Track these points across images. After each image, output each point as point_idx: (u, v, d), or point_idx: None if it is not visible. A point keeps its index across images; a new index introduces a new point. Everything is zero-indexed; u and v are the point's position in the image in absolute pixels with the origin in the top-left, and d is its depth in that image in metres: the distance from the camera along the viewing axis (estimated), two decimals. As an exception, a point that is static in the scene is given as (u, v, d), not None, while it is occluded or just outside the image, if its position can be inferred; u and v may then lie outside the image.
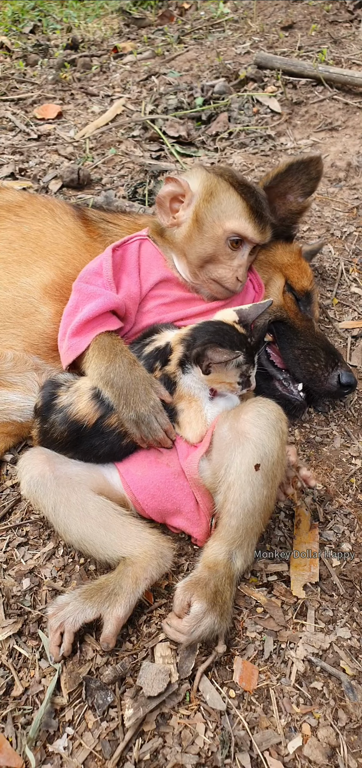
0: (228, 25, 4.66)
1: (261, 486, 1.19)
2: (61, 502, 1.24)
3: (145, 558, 1.20)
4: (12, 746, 1.02)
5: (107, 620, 1.13)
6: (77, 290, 1.42)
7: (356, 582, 1.31)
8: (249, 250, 1.49)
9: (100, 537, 1.23)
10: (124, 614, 1.13)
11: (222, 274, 1.46)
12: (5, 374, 1.48)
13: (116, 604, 1.13)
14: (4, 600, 1.24)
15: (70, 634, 1.12)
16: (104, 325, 1.37)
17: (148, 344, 1.35)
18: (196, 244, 1.46)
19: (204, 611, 1.12)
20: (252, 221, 1.45)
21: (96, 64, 4.17)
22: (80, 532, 1.23)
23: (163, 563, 1.22)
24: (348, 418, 1.75)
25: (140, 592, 1.17)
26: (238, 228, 1.44)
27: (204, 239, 1.45)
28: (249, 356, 1.30)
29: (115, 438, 1.28)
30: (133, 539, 1.23)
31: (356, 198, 2.70)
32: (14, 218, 1.68)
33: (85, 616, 1.13)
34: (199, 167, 1.54)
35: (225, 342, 1.26)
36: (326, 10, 4.53)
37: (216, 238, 1.44)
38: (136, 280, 1.46)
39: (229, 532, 1.21)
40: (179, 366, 1.29)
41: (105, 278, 1.42)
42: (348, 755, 1.03)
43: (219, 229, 1.44)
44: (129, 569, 1.18)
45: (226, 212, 1.44)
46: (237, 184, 1.48)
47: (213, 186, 1.47)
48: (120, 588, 1.15)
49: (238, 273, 1.46)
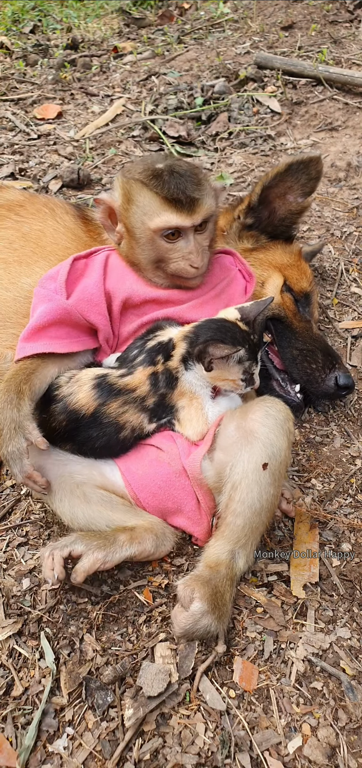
0: (228, 25, 4.66)
1: (268, 485, 1.19)
2: (66, 495, 1.29)
3: (144, 528, 1.26)
4: (12, 746, 1.02)
5: (86, 555, 1.18)
6: (35, 293, 1.41)
7: (356, 582, 1.31)
8: (191, 233, 1.38)
9: (106, 516, 1.29)
10: (103, 559, 1.18)
11: (176, 268, 1.40)
12: (5, 374, 1.48)
13: (101, 548, 1.19)
14: (4, 600, 1.24)
15: (59, 558, 1.17)
16: (49, 344, 1.32)
17: (150, 339, 1.34)
18: (138, 252, 1.41)
19: (203, 612, 1.13)
20: (174, 210, 1.35)
21: (96, 64, 4.17)
22: (87, 517, 1.29)
23: (162, 543, 1.28)
24: (348, 418, 1.76)
25: (129, 552, 1.22)
26: (163, 224, 1.35)
27: (141, 245, 1.40)
28: (252, 353, 1.30)
29: (112, 430, 1.28)
30: (137, 516, 1.30)
31: (356, 198, 2.70)
32: (15, 218, 1.68)
33: (73, 546, 1.19)
34: (120, 174, 1.47)
35: (227, 338, 1.26)
36: (326, 10, 4.53)
37: (151, 240, 1.38)
38: (95, 281, 1.40)
39: (234, 532, 1.21)
40: (182, 362, 1.29)
41: (57, 283, 1.38)
42: (348, 755, 1.03)
43: (148, 232, 1.38)
44: (128, 531, 1.24)
45: (147, 212, 1.37)
46: (148, 178, 1.37)
47: (128, 191, 1.40)
48: (113, 538, 1.21)
49: (191, 260, 1.39)
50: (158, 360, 1.30)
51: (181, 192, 1.34)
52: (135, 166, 1.45)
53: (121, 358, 1.38)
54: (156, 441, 1.33)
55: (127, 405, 1.28)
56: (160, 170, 1.38)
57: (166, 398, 1.30)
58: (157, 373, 1.29)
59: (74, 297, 1.38)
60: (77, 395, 1.29)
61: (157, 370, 1.29)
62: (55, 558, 1.17)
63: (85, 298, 1.38)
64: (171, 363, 1.29)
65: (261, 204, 1.77)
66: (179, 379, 1.30)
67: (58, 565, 1.17)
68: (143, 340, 1.36)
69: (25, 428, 1.23)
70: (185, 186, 1.35)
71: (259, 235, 1.81)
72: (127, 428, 1.29)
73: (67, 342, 1.35)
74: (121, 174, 1.45)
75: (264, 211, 1.79)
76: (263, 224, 1.81)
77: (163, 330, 1.36)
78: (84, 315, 1.37)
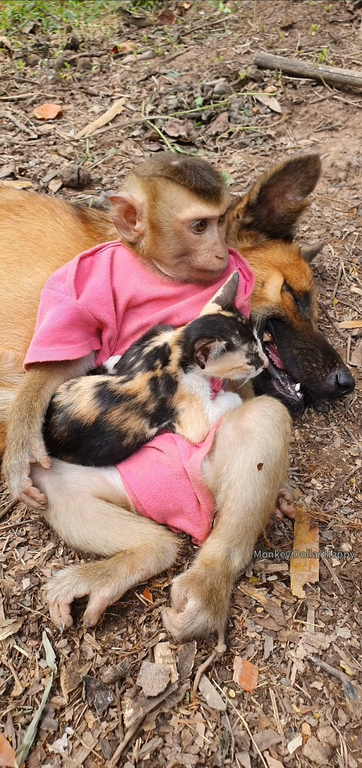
0: (228, 25, 4.65)
1: (262, 485, 1.19)
2: (60, 511, 1.28)
3: (144, 550, 1.23)
4: (12, 746, 1.02)
5: (93, 597, 1.16)
6: (42, 296, 1.41)
7: (356, 582, 1.31)
8: (215, 224, 1.43)
9: (102, 537, 1.27)
10: (110, 596, 1.16)
11: (201, 261, 1.42)
12: (6, 374, 1.48)
13: (106, 585, 1.17)
14: (4, 600, 1.24)
15: (65, 606, 1.17)
16: (62, 350, 1.33)
17: (147, 345, 1.35)
18: (163, 247, 1.43)
19: (198, 609, 1.13)
20: (202, 200, 1.39)
21: (96, 64, 4.17)
22: (82, 537, 1.27)
23: (164, 558, 1.25)
24: (348, 418, 1.75)
25: (133, 580, 1.20)
26: (193, 214, 1.39)
27: (168, 240, 1.42)
28: (245, 334, 1.29)
29: (115, 438, 1.28)
30: (134, 534, 1.27)
31: (356, 198, 2.70)
32: (15, 218, 1.68)
33: (77, 590, 1.17)
34: (132, 175, 1.49)
35: (215, 331, 1.26)
36: (326, 10, 4.53)
37: (179, 233, 1.41)
38: (104, 280, 1.42)
39: (229, 530, 1.21)
40: (180, 366, 1.29)
41: (66, 284, 1.39)
42: (348, 755, 1.03)
43: (177, 224, 1.40)
44: (127, 557, 1.22)
45: (175, 206, 1.40)
46: (171, 173, 1.40)
47: (153, 188, 1.42)
48: (114, 571, 1.19)
49: (216, 251, 1.42)
50: (156, 365, 1.30)
51: (207, 183, 1.39)
52: (149, 165, 1.47)
53: (118, 365, 1.39)
54: (156, 443, 1.33)
55: (128, 412, 1.28)
56: (179, 165, 1.42)
57: (166, 402, 1.30)
58: (157, 378, 1.29)
59: (84, 296, 1.39)
60: (78, 405, 1.28)
61: (156, 374, 1.29)
62: (60, 606, 1.17)
63: (94, 297, 1.40)
64: (169, 368, 1.29)
65: (260, 203, 1.77)
66: (179, 383, 1.30)
67: (64, 614, 1.16)
68: (139, 346, 1.36)
69: (32, 445, 1.26)
70: (209, 177, 1.40)
71: (258, 234, 1.82)
72: (130, 435, 1.29)
73: (79, 346, 1.37)
74: (136, 174, 1.47)
75: (263, 210, 1.80)
76: (262, 223, 1.81)
77: (158, 335, 1.36)
78: (95, 314, 1.39)
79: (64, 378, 1.37)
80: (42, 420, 1.30)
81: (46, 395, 1.33)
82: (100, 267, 1.46)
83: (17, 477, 1.24)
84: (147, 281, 1.46)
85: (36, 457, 1.25)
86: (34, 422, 1.28)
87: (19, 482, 1.24)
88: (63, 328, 1.34)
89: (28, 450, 1.25)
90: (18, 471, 1.24)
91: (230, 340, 1.26)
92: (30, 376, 1.34)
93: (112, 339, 1.44)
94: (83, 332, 1.39)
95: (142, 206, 1.44)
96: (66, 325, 1.35)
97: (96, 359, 1.46)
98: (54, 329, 1.34)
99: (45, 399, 1.32)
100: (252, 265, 1.72)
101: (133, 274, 1.46)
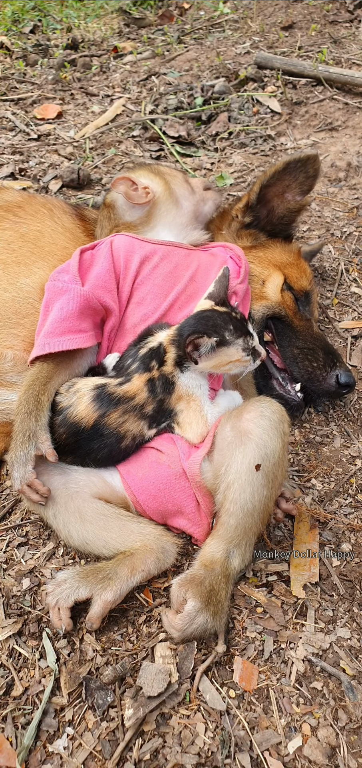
0: (228, 25, 4.65)
1: (261, 486, 1.19)
2: (60, 511, 1.28)
3: (144, 551, 1.23)
4: (12, 746, 1.02)
5: (95, 601, 1.16)
6: (47, 289, 1.43)
7: (356, 582, 1.31)
8: None
9: (101, 537, 1.27)
10: (112, 599, 1.16)
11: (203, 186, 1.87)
12: (5, 374, 1.48)
13: (107, 588, 1.16)
14: (4, 600, 1.24)
15: (65, 610, 1.16)
16: (74, 339, 1.34)
17: (142, 347, 1.35)
18: (179, 194, 1.76)
19: (198, 610, 1.13)
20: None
21: (96, 64, 4.17)
22: (81, 537, 1.28)
23: (164, 558, 1.25)
24: (348, 418, 1.75)
25: (134, 582, 1.20)
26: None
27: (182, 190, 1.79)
28: (240, 328, 1.29)
29: (114, 440, 1.28)
30: (134, 535, 1.27)
31: (356, 198, 2.69)
32: (13, 218, 1.68)
33: (78, 594, 1.17)
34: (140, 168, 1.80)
35: (208, 327, 1.26)
36: (326, 10, 4.52)
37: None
38: (107, 268, 1.45)
39: (228, 531, 1.21)
40: (176, 366, 1.29)
41: (71, 274, 1.42)
42: (348, 755, 1.02)
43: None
44: (127, 559, 1.21)
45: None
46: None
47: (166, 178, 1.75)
48: (115, 574, 1.19)
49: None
50: (153, 366, 1.30)
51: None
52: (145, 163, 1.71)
53: (116, 367, 1.39)
54: (156, 443, 1.33)
55: (126, 414, 1.28)
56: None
57: (164, 403, 1.30)
58: (154, 379, 1.29)
59: (89, 284, 1.41)
60: (77, 407, 1.28)
61: (153, 376, 1.29)
62: (61, 610, 1.17)
63: (99, 284, 1.42)
64: (165, 368, 1.29)
65: (259, 202, 1.77)
66: (176, 384, 1.29)
67: (65, 617, 1.16)
68: (136, 348, 1.37)
69: (39, 438, 1.26)
70: None
71: (258, 233, 1.82)
72: (128, 437, 1.29)
73: (89, 335, 1.38)
74: (144, 166, 1.70)
75: (263, 209, 1.80)
76: (262, 223, 1.81)
77: (153, 335, 1.36)
78: (101, 300, 1.41)
79: (69, 372, 1.37)
80: (49, 414, 1.30)
81: (53, 389, 1.33)
82: (100, 257, 1.48)
83: (22, 468, 1.25)
84: (151, 254, 1.52)
85: (42, 450, 1.26)
86: (41, 415, 1.28)
87: (23, 473, 1.25)
88: (73, 317, 1.35)
89: (34, 442, 1.26)
90: (23, 462, 1.25)
91: (223, 335, 1.25)
92: (36, 370, 1.34)
93: (113, 329, 1.45)
94: (91, 321, 1.40)
95: (154, 190, 1.74)
96: (76, 313, 1.35)
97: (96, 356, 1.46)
98: (64, 318, 1.34)
99: (51, 393, 1.33)
100: (252, 263, 1.72)
101: (135, 254, 1.51)
